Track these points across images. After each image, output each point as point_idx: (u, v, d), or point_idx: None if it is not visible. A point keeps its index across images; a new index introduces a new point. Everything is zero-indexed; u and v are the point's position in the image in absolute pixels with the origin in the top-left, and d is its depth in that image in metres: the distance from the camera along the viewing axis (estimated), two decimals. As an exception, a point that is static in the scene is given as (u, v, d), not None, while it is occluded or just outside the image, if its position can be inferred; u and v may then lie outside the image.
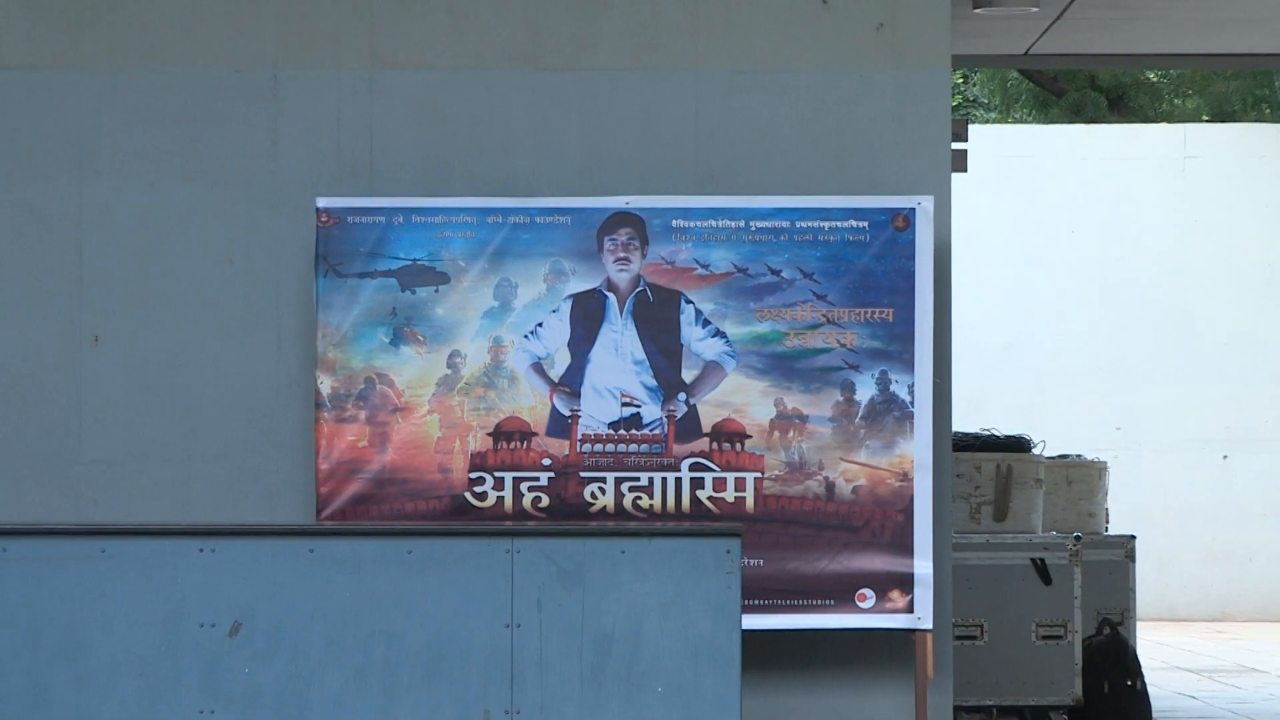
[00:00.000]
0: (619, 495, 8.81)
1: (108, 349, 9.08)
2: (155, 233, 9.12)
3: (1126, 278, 22.22)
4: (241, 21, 9.18)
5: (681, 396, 8.77)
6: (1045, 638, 12.08)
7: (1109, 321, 22.16)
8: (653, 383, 8.77)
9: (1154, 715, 12.21)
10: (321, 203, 8.81)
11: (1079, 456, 13.64)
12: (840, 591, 8.76)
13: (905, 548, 8.79)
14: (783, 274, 8.76)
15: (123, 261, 9.12)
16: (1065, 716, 12.15)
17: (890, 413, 8.75)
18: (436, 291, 8.81)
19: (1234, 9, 11.48)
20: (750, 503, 8.77)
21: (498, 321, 8.81)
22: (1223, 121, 26.74)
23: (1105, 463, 13.81)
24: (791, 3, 9.19)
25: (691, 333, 8.75)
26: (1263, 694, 14.05)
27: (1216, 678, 15.32)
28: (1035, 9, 10.85)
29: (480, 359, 8.79)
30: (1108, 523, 13.27)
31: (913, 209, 8.86)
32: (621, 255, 8.74)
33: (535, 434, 8.81)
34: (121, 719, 7.75)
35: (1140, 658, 12.44)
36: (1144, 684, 12.35)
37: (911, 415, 8.80)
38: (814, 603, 8.76)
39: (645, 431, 8.76)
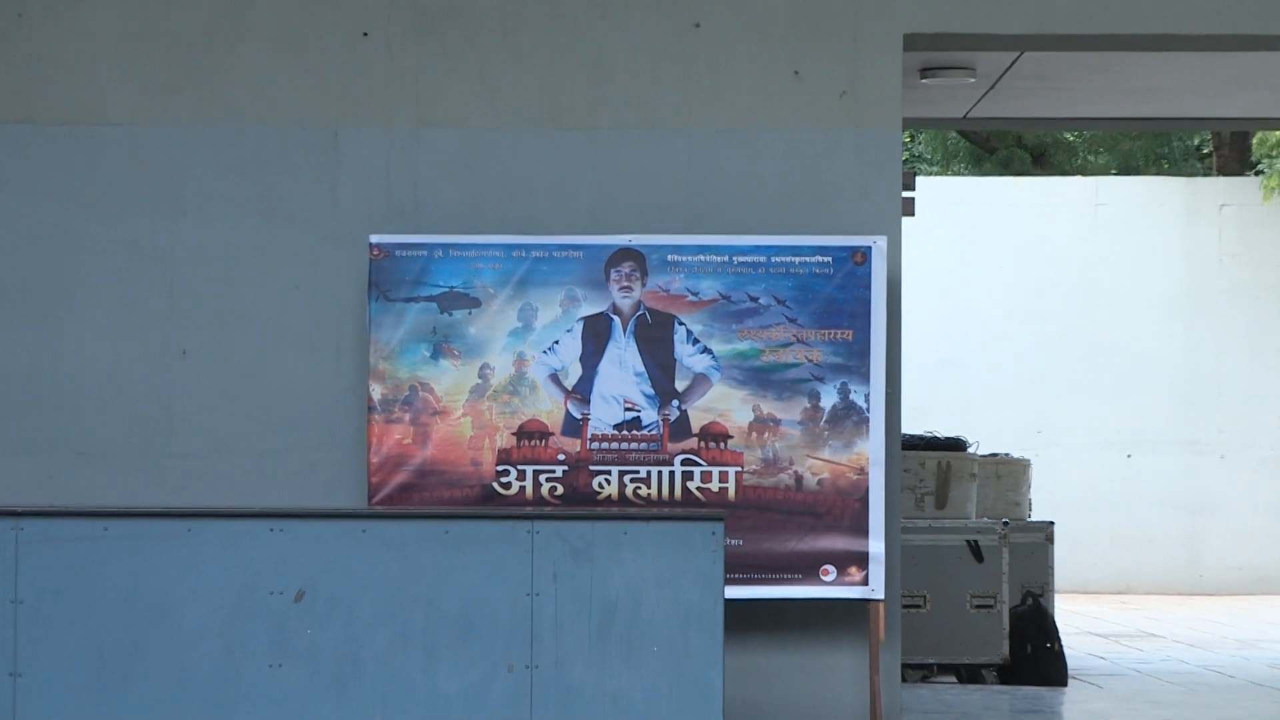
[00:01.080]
0: (622, 485, 8.75)
1: (194, 361, 9.02)
2: (234, 264, 9.06)
3: (1046, 306, 22.28)
4: (307, 88, 9.16)
5: (674, 403, 8.73)
6: (978, 607, 12.09)
7: (1031, 343, 22.19)
8: (650, 391, 8.68)
9: (1068, 673, 12.07)
10: (374, 239, 8.76)
11: (1006, 455, 13.62)
12: (806, 567, 8.68)
13: (861, 530, 8.72)
14: (760, 301, 8.70)
15: (207, 288, 9.08)
16: (994, 673, 12.03)
17: (849, 417, 8.66)
18: (469, 314, 8.75)
19: (1138, 80, 11.54)
20: (731, 492, 8.71)
21: (521, 339, 8.74)
22: (1128, 175, 26.71)
23: (1029, 460, 13.76)
24: (767, 73, 9.11)
25: (683, 350, 8.67)
26: (1160, 655, 14.01)
27: (1121, 641, 15.24)
28: (972, 80, 10.77)
29: (506, 370, 8.72)
30: (1030, 511, 13.23)
31: (869, 247, 8.81)
32: (625, 284, 8.66)
33: (552, 434, 8.75)
34: (204, 671, 7.64)
35: (1057, 624, 12.34)
36: (1060, 646, 12.35)
37: (867, 420, 8.75)
38: (784, 576, 8.71)
39: (644, 432, 8.70)
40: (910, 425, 10.71)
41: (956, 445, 13.20)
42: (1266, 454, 22.78)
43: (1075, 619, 14.73)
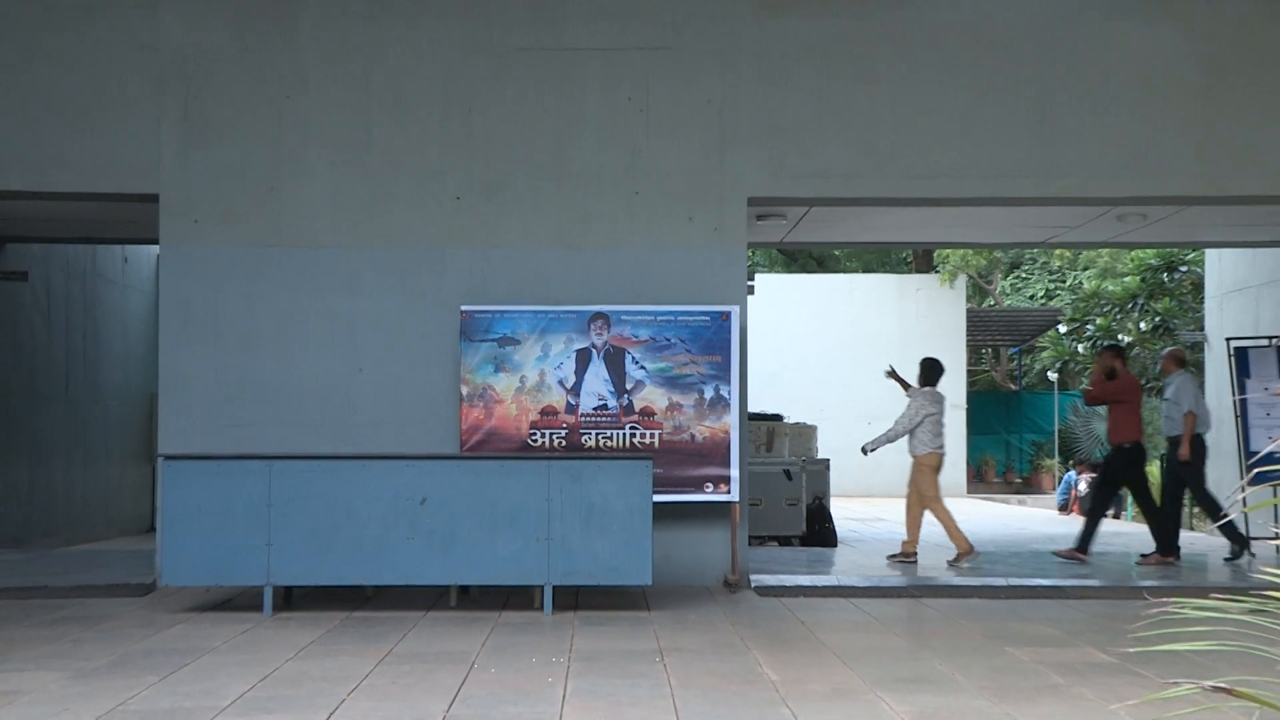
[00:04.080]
0: (598, 441, 8.79)
1: (366, 374, 9.06)
2: (387, 321, 9.08)
3: (825, 344, 22.34)
4: (428, 227, 9.05)
5: (625, 397, 8.78)
6: (789, 505, 12.22)
7: (819, 364, 22.21)
8: (613, 390, 8.82)
9: (838, 539, 12.10)
10: (464, 308, 8.86)
11: (804, 423, 13.67)
12: (696, 484, 8.79)
13: (726, 464, 8.81)
14: (671, 340, 8.83)
15: (372, 334, 9.09)
16: (797, 541, 12.13)
17: (719, 403, 8.76)
18: (514, 348, 8.83)
19: (875, 222, 11.07)
20: (656, 444, 8.74)
21: (542, 362, 8.80)
22: (868, 273, 26.92)
23: (816, 426, 13.78)
24: (675, 218, 9.16)
25: (630, 368, 8.82)
26: (887, 530, 13.86)
27: (866, 522, 15.23)
28: (784, 221, 10.59)
29: (534, 379, 8.78)
30: (817, 452, 13.24)
31: (730, 311, 8.92)
32: (598, 332, 8.79)
33: (559, 412, 8.81)
34: (371, 541, 7.75)
35: (831, 514, 12.40)
36: (833, 525, 12.46)
37: (729, 404, 8.79)
38: (684, 489, 8.78)
39: (609, 412, 8.81)
40: (752, 407, 10.83)
41: (777, 418, 13.47)
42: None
43: (841, 511, 14.77)
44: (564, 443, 8.71)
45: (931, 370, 10.97)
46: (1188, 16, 9.19)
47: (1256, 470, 7.43)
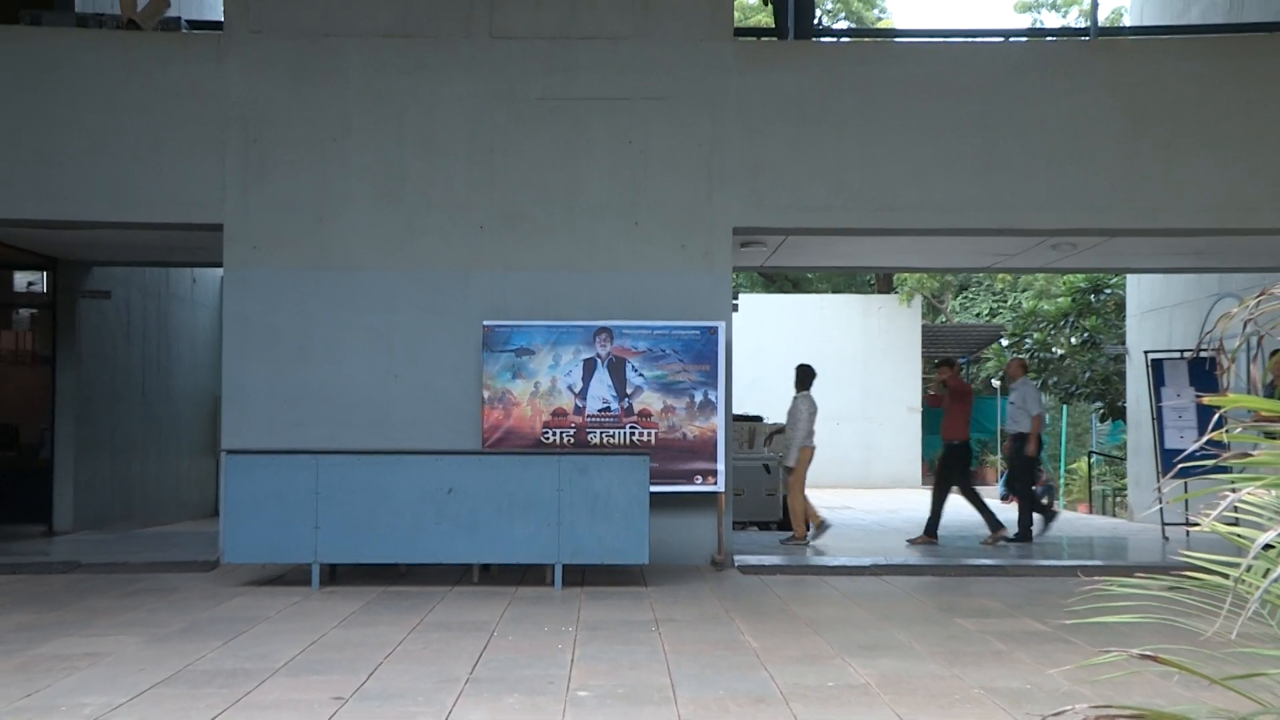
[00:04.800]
0: (602, 439, 8.75)
1: (401, 381, 9.00)
2: (420, 335, 9.02)
3: (797, 356, 21.90)
4: (455, 253, 9.00)
5: (625, 401, 8.72)
6: (767, 495, 12.12)
7: (791, 370, 22.09)
8: (615, 395, 8.78)
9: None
10: (486, 323, 8.83)
11: (780, 424, 13.47)
12: (688, 476, 8.76)
13: (714, 459, 8.78)
14: (665, 351, 8.76)
15: (407, 347, 9.03)
16: (774, 526, 12.00)
17: (708, 406, 8.75)
18: (530, 358, 8.80)
19: (842, 249, 11.08)
20: (653, 441, 8.68)
21: (554, 370, 8.77)
22: (837, 294, 26.81)
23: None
24: (669, 246, 9.10)
25: (630, 375, 8.80)
26: (855, 516, 13.90)
27: (834, 510, 15.13)
28: (764, 248, 10.54)
29: (547, 384, 8.76)
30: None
31: (717, 326, 8.91)
32: (603, 344, 8.77)
33: (568, 414, 8.79)
34: (405, 525, 7.71)
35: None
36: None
37: (716, 407, 8.74)
38: (676, 481, 8.73)
39: (612, 414, 8.73)
40: (735, 410, 10.74)
41: (757, 419, 13.39)
42: (901, 422, 22.96)
43: (816, 500, 14.81)
44: (572, 440, 8.64)
45: (807, 375, 11.03)
46: (1112, 75, 9.27)
47: (1180, 466, 7.42)
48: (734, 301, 10.11)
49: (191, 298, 14.06)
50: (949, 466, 10.93)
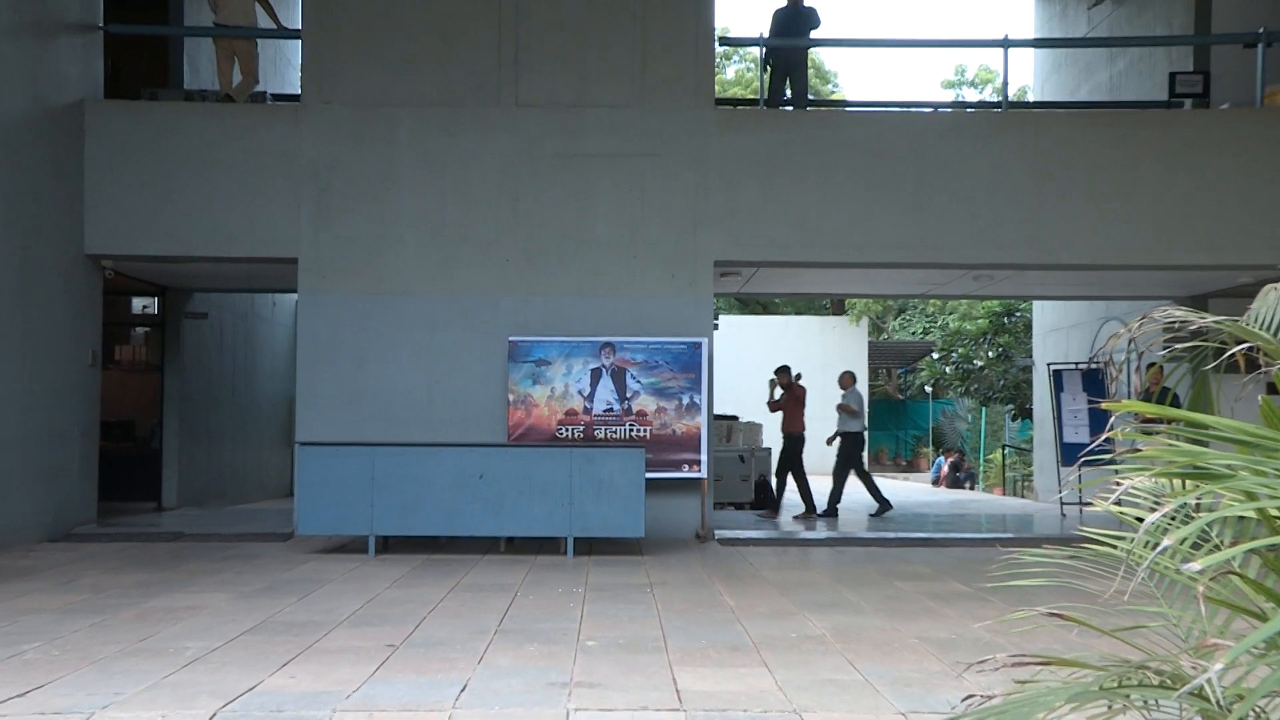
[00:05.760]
0: (606, 434, 8.64)
1: (442, 387, 8.93)
2: (456, 349, 8.94)
3: (767, 366, 21.75)
4: (486, 281, 8.96)
5: (625, 403, 8.64)
6: (742, 480, 11.98)
7: (761, 378, 21.93)
8: (617, 398, 8.68)
9: (780, 506, 11.84)
10: (511, 338, 8.76)
11: (753, 422, 13.41)
12: (676, 465, 8.66)
13: (697, 450, 8.67)
14: (659, 362, 8.67)
15: (445, 358, 8.95)
16: (747, 506, 11.89)
17: (693, 407, 8.67)
18: (547, 368, 8.69)
19: (805, 279, 10.96)
20: (648, 436, 8.58)
21: (566, 378, 8.67)
22: (800, 315, 26.76)
23: (762, 424, 13.51)
24: (661, 277, 9.02)
25: (629, 382, 8.67)
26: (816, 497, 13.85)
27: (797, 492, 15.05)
28: (739, 277, 10.57)
29: (561, 389, 8.67)
30: (762, 442, 13.04)
31: (701, 341, 8.81)
32: (607, 356, 8.69)
33: (578, 414, 8.67)
34: (445, 506, 7.61)
35: (773, 487, 12.00)
36: (775, 496, 11.67)
37: (700, 408, 8.66)
38: (667, 469, 8.64)
39: (614, 414, 8.63)
40: (716, 410, 10.70)
41: (734, 418, 13.18)
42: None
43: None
44: (582, 435, 8.58)
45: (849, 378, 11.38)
46: (1020, 140, 9.26)
47: (1082, 460, 7.44)
48: (715, 321, 10.07)
49: (272, 318, 14.02)
50: (789, 453, 10.90)
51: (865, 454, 11.34)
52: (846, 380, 11.42)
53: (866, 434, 12.09)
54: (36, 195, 8.25)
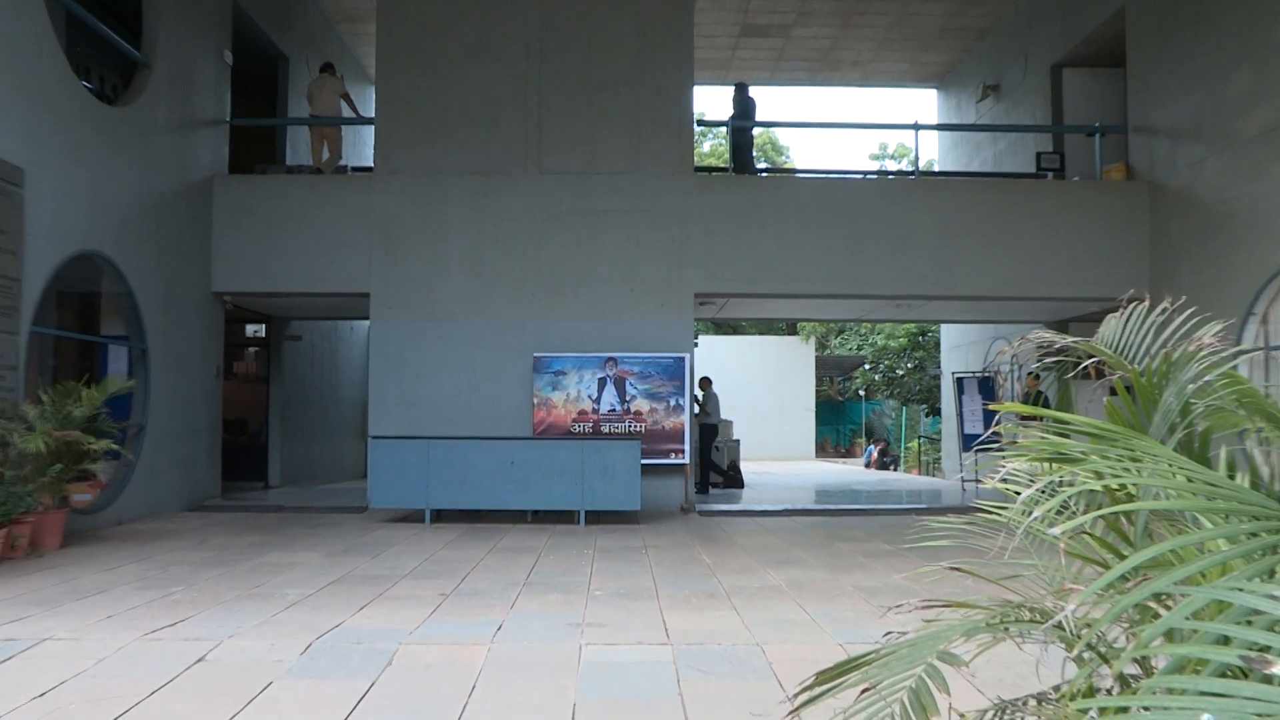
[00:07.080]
0: (611, 429, 8.50)
1: (481, 393, 8.83)
2: (492, 362, 8.80)
3: (743, 378, 21.58)
4: (513, 310, 8.87)
5: (625, 405, 8.53)
6: (714, 465, 11.72)
7: (734, 388, 21.69)
8: (619, 401, 8.55)
9: (745, 483, 11.81)
10: (535, 354, 8.66)
11: (728, 420, 13.24)
12: (665, 453, 8.53)
13: (682, 442, 8.56)
14: (651, 373, 8.58)
15: (485, 369, 8.84)
16: (721, 484, 11.79)
17: (678, 408, 8.56)
18: (564, 378, 8.56)
19: (769, 307, 10.63)
20: (643, 431, 8.48)
21: (579, 385, 8.58)
22: (764, 335, 26.66)
23: (732, 421, 13.01)
24: (652, 304, 8.92)
25: (628, 388, 8.56)
26: (774, 479, 13.76)
27: (760, 474, 15.06)
28: (715, 305, 10.62)
29: (574, 394, 8.57)
30: (733, 435, 12.82)
31: (684, 356, 8.69)
32: (610, 368, 8.59)
33: (588, 414, 8.55)
34: (485, 486, 7.53)
35: (741, 469, 11.99)
36: (741, 475, 11.80)
37: (683, 409, 8.54)
38: (658, 457, 8.52)
39: (616, 414, 8.53)
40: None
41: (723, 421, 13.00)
42: (801, 418, 21.85)
43: (748, 468, 14.67)
44: (591, 430, 8.50)
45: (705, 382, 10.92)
46: (928, 200, 9.24)
47: (977, 448, 7.46)
48: (695, 340, 10.06)
49: (350, 339, 14.01)
50: (708, 440, 10.69)
51: (715, 445, 11.10)
52: (705, 384, 10.95)
53: (720, 427, 11.96)
54: (177, 248, 8.42)
